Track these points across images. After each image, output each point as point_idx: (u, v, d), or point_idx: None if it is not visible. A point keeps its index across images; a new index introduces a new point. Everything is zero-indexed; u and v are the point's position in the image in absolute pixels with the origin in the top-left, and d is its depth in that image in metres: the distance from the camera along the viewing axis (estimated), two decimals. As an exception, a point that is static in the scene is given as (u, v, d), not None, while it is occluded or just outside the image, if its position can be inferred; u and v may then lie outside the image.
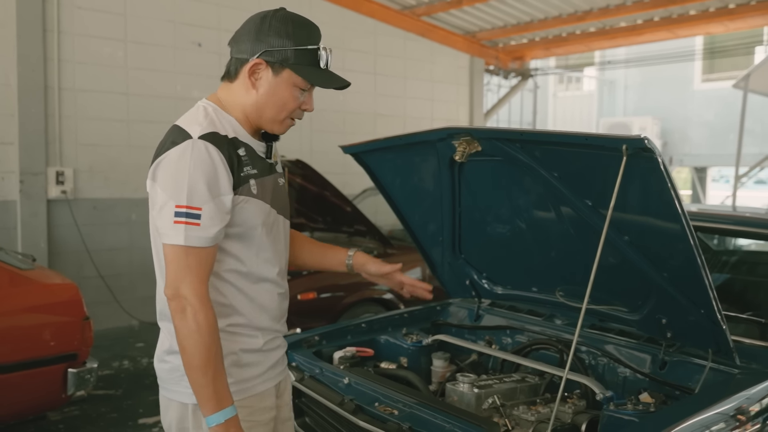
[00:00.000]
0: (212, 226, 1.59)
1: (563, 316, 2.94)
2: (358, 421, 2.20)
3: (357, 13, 8.24)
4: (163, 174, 1.63)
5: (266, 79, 1.68)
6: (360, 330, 3.08)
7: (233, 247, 1.69)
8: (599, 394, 2.31)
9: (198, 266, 1.58)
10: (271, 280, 1.78)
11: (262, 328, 1.78)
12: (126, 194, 6.63)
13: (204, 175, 1.58)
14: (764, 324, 2.68)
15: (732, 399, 2.18)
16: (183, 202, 1.57)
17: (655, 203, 2.05)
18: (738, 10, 7.66)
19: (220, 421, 1.54)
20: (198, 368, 1.54)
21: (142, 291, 6.75)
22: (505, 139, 2.26)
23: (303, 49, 1.67)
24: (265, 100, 1.69)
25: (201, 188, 1.57)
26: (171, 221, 1.58)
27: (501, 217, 2.74)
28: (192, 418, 1.69)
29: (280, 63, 1.66)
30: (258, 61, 1.66)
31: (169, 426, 1.77)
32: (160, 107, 6.78)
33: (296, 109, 1.73)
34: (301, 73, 1.67)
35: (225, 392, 1.58)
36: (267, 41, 1.66)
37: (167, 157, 1.62)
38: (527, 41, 9.80)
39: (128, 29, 6.53)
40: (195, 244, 1.57)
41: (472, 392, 2.43)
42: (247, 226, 1.69)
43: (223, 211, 1.61)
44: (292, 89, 1.69)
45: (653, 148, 1.86)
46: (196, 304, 1.55)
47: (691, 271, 2.12)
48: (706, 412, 2.08)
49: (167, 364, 1.74)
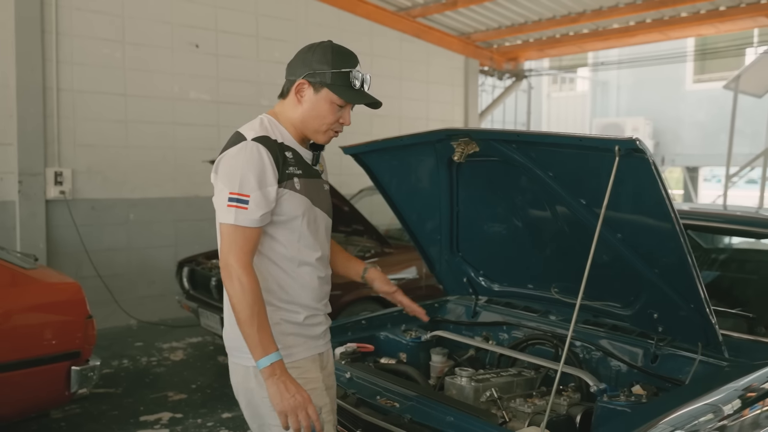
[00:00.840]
0: (257, 210, 1.91)
1: (558, 312, 3.02)
2: (361, 414, 2.27)
3: (353, 15, 8.31)
4: (222, 167, 1.98)
5: (309, 96, 2.03)
6: (360, 326, 3.15)
7: (278, 233, 2.02)
8: (593, 386, 2.39)
9: (244, 242, 1.91)
10: (311, 264, 2.08)
11: (304, 305, 2.08)
12: (124, 194, 6.68)
13: (253, 169, 1.92)
14: (752, 319, 2.76)
15: (721, 390, 2.25)
16: (235, 190, 1.90)
17: (646, 202, 2.12)
18: (728, 12, 7.76)
19: (267, 364, 1.86)
20: (245, 321, 1.87)
21: (141, 291, 6.81)
22: (502, 140, 2.34)
23: (338, 72, 2.00)
24: (308, 113, 2.04)
25: (250, 179, 1.91)
26: (225, 204, 1.92)
27: (498, 216, 2.81)
28: (254, 378, 2.00)
29: (320, 83, 2.01)
30: (303, 81, 2.02)
31: (236, 387, 2.12)
32: (158, 108, 6.84)
33: (335, 122, 2.06)
34: (336, 91, 2.01)
35: (269, 341, 1.88)
36: (311, 66, 2.01)
37: (227, 155, 1.98)
38: (521, 42, 9.89)
39: (126, 31, 6.58)
40: (242, 224, 1.90)
41: (471, 385, 2.51)
42: (289, 215, 2.01)
43: (267, 199, 1.94)
44: (330, 105, 2.02)
45: (644, 148, 1.93)
46: (239, 271, 1.88)
47: (682, 267, 2.20)
48: (696, 402, 2.16)
49: (233, 334, 2.04)
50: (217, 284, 5.23)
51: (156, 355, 5.69)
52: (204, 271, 5.49)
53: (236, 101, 7.36)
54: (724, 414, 2.19)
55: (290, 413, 1.84)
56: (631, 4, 7.86)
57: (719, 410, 2.19)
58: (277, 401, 1.85)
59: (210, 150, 7.01)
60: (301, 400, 1.85)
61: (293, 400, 1.84)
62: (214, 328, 5.18)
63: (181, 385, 4.93)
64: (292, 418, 1.85)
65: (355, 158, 2.93)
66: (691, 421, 2.09)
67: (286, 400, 1.84)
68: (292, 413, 1.84)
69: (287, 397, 1.84)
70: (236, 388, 2.12)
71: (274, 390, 1.85)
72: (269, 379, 1.86)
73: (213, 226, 7.12)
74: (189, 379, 5.08)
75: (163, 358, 5.64)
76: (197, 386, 4.91)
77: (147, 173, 6.82)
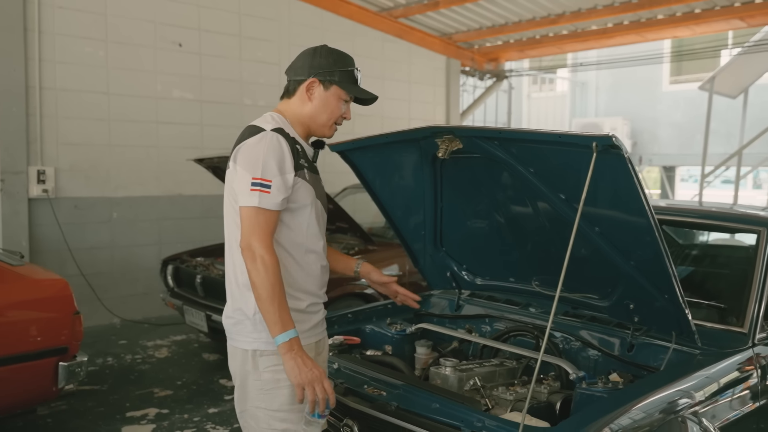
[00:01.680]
0: (278, 194, 2.05)
1: (539, 305, 3.12)
2: (349, 402, 2.34)
3: (335, 15, 8.37)
4: (242, 156, 2.10)
5: (319, 93, 2.20)
6: (346, 320, 3.22)
7: (291, 220, 2.14)
8: (572, 374, 2.49)
9: (266, 224, 2.03)
10: (317, 252, 2.22)
11: (307, 292, 2.20)
12: (107, 193, 6.69)
13: (275, 156, 2.05)
14: (723, 309, 2.88)
15: (693, 377, 2.37)
16: (258, 175, 2.03)
17: (622, 197, 2.21)
18: (703, 15, 7.94)
19: (285, 340, 1.97)
20: (266, 299, 1.97)
21: (124, 289, 6.82)
22: (485, 137, 2.42)
23: (345, 70, 2.21)
24: (318, 109, 2.21)
25: (272, 165, 2.04)
26: (248, 189, 2.03)
27: (480, 212, 2.90)
28: (251, 361, 2.11)
29: (330, 81, 2.19)
30: (313, 79, 2.19)
31: (234, 369, 2.20)
32: (141, 107, 6.85)
33: (340, 116, 2.25)
34: (345, 88, 2.21)
35: (288, 318, 1.99)
36: (319, 65, 2.19)
37: (246, 144, 2.11)
38: (502, 43, 10.01)
39: (109, 29, 6.58)
40: (265, 206, 2.03)
41: (455, 375, 2.59)
42: (300, 203, 2.15)
43: (286, 185, 2.07)
44: (338, 101, 2.21)
45: (620, 145, 2.02)
46: (263, 252, 1.99)
47: (657, 260, 2.30)
48: (669, 388, 2.27)
49: (232, 319, 2.18)
50: (202, 282, 5.27)
51: (140, 353, 5.71)
52: (189, 268, 5.52)
53: (219, 100, 7.39)
54: (696, 399, 2.30)
55: (307, 386, 1.95)
56: (608, 6, 8.01)
57: (692, 396, 2.30)
58: (295, 374, 1.95)
59: (193, 149, 7.05)
60: (317, 373, 1.97)
61: (310, 373, 1.95)
62: (199, 325, 5.21)
63: (166, 381, 4.96)
64: (309, 390, 1.95)
65: (341, 155, 2.99)
66: (664, 406, 2.19)
67: (304, 374, 1.95)
68: (309, 386, 1.95)
69: (305, 371, 1.95)
70: (233, 369, 2.21)
71: (291, 364, 1.95)
72: (287, 354, 1.96)
73: (196, 225, 7.17)
74: (174, 375, 5.11)
75: (148, 355, 5.66)
76: (183, 382, 4.94)
77: (130, 172, 6.83)
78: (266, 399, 2.09)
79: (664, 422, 2.15)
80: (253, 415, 2.14)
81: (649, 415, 2.12)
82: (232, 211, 2.16)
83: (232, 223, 2.16)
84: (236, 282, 2.16)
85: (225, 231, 2.22)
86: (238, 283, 2.16)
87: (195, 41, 7.19)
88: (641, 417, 2.10)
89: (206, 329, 5.14)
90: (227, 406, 4.46)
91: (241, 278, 2.13)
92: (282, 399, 2.08)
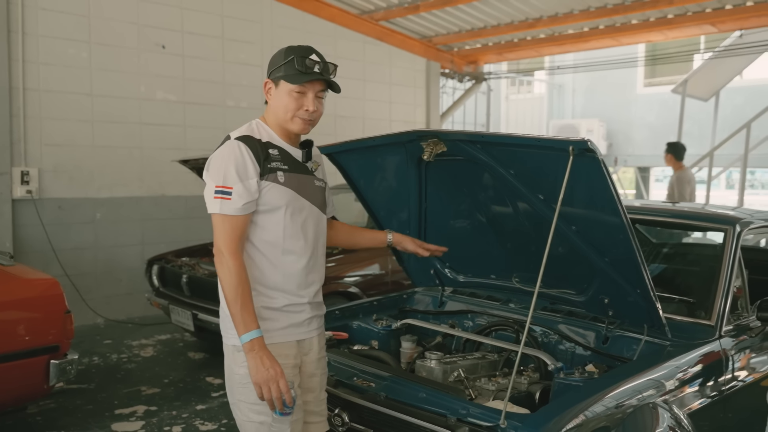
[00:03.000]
0: (240, 200, 2.13)
1: (519, 301, 3.25)
2: (340, 393, 2.46)
3: (317, 17, 8.46)
4: (209, 165, 2.21)
5: (273, 92, 2.26)
6: (334, 316, 3.33)
7: (264, 222, 2.20)
8: (551, 365, 2.63)
9: (231, 230, 2.13)
10: (296, 253, 2.25)
11: (284, 291, 2.25)
12: (90, 194, 6.72)
13: (234, 163, 2.14)
14: (692, 303, 3.04)
15: (663, 367, 2.52)
16: (220, 183, 2.13)
17: (597, 197, 2.35)
18: (676, 20, 8.17)
19: (248, 340, 2.07)
20: (231, 301, 2.09)
21: (108, 289, 6.85)
22: (468, 140, 2.55)
23: (286, 62, 2.19)
24: (275, 107, 2.26)
25: (232, 173, 2.13)
26: (212, 196, 2.15)
27: (463, 212, 3.03)
28: (231, 356, 2.23)
29: (277, 78, 2.22)
30: (266, 81, 2.27)
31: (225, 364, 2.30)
32: (125, 108, 6.89)
33: (298, 109, 2.22)
34: (288, 79, 2.19)
35: (251, 319, 2.09)
36: (271, 66, 2.25)
37: (214, 153, 2.23)
38: (481, 46, 10.18)
39: (92, 31, 6.62)
40: (227, 213, 2.12)
41: (440, 367, 2.72)
42: (272, 205, 2.20)
43: (249, 190, 2.14)
44: (288, 94, 2.21)
45: (595, 148, 2.16)
46: (227, 255, 2.11)
47: (629, 257, 2.44)
48: (641, 378, 2.42)
49: (221, 316, 2.29)
50: (188, 281, 5.35)
51: (126, 352, 5.77)
52: (174, 268, 5.58)
53: (202, 102, 7.45)
54: (667, 388, 2.45)
55: (263, 384, 2.05)
56: (584, 11, 8.20)
57: (662, 385, 2.45)
58: (254, 373, 2.06)
59: (177, 150, 7.10)
60: (273, 373, 2.05)
61: (267, 373, 2.05)
62: (185, 324, 5.29)
63: (153, 379, 5.03)
64: (265, 389, 2.05)
65: (329, 157, 3.09)
66: (636, 394, 2.34)
67: (261, 373, 2.05)
68: (265, 384, 2.05)
69: (262, 370, 2.05)
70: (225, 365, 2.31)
71: (251, 363, 2.06)
72: (249, 353, 2.06)
73: (180, 225, 7.27)
74: (161, 374, 5.18)
75: (134, 354, 5.71)
76: (170, 380, 5.01)
77: (114, 173, 6.87)
78: (244, 392, 2.19)
79: (636, 409, 2.29)
80: (236, 408, 2.26)
81: (622, 402, 2.27)
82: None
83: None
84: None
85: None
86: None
87: (178, 43, 7.24)
88: (615, 404, 2.24)
89: (192, 328, 5.21)
90: (215, 402, 4.54)
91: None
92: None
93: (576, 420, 2.08)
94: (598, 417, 2.16)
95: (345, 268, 5.47)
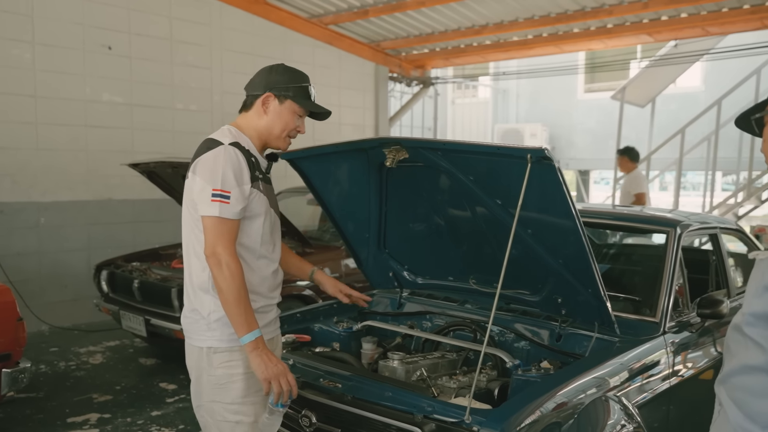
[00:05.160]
0: (237, 204, 2.20)
1: (475, 301, 3.37)
2: (307, 395, 2.51)
3: (267, 20, 8.45)
4: (201, 168, 2.23)
5: (274, 107, 2.35)
6: (295, 319, 3.38)
7: (245, 227, 2.28)
8: (509, 363, 2.74)
9: (228, 232, 2.19)
10: (268, 257, 2.37)
11: (260, 294, 2.34)
12: (34, 198, 6.55)
13: (232, 168, 2.20)
14: (638, 301, 3.22)
15: (613, 362, 2.67)
16: (218, 186, 2.17)
17: (552, 202, 2.46)
18: (615, 29, 8.51)
19: (251, 339, 2.15)
20: (233, 303, 2.14)
21: (52, 296, 6.68)
22: (430, 147, 2.64)
23: (299, 86, 2.36)
24: (273, 121, 2.36)
25: (230, 177, 2.19)
26: (209, 199, 2.18)
27: (422, 216, 3.12)
28: (206, 358, 2.26)
29: (284, 96, 2.35)
30: (269, 94, 2.34)
31: (191, 366, 2.35)
32: (70, 110, 6.75)
33: (294, 129, 2.40)
34: (299, 102, 2.36)
35: (253, 320, 2.17)
36: (275, 81, 2.35)
37: (205, 157, 2.24)
38: (428, 51, 10.35)
39: (36, 31, 6.45)
40: (226, 216, 2.18)
41: (403, 367, 2.80)
42: (255, 212, 2.29)
43: (244, 195, 2.22)
44: (291, 114, 2.36)
45: (552, 156, 2.28)
46: (228, 258, 2.15)
47: (581, 258, 2.58)
48: (594, 372, 2.55)
49: (189, 318, 2.33)
50: (140, 286, 5.28)
51: (74, 359, 5.65)
52: (125, 273, 5.50)
53: (150, 104, 7.35)
54: (617, 382, 2.60)
55: (273, 379, 2.14)
56: (529, 19, 8.45)
57: (613, 379, 2.60)
58: (262, 370, 2.14)
59: (124, 153, 6.99)
60: (282, 368, 2.17)
61: (275, 368, 2.15)
62: (137, 329, 5.21)
63: (104, 387, 4.95)
64: (275, 383, 2.15)
65: (290, 163, 3.14)
66: (589, 389, 2.47)
67: (270, 369, 2.14)
68: (275, 379, 2.15)
69: (271, 366, 2.15)
70: (190, 366, 2.37)
71: (258, 361, 2.14)
72: (253, 351, 2.15)
73: (127, 230, 7.13)
74: (112, 380, 5.10)
75: (82, 362, 5.60)
76: (122, 387, 4.94)
77: (58, 176, 6.71)
78: (220, 393, 2.25)
79: (590, 402, 2.43)
80: (209, 409, 2.29)
81: (576, 396, 2.40)
82: (190, 219, 2.30)
83: (190, 231, 2.30)
84: (191, 284, 2.32)
85: (183, 237, 2.36)
86: (193, 285, 2.31)
87: (125, 44, 7.13)
88: (570, 398, 2.37)
89: (145, 334, 5.15)
90: (170, 408, 4.51)
91: (196, 281, 2.29)
92: (235, 393, 2.25)
93: (537, 413, 2.19)
94: (557, 410, 2.28)
95: (299, 272, 5.49)
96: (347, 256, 5.73)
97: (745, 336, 1.54)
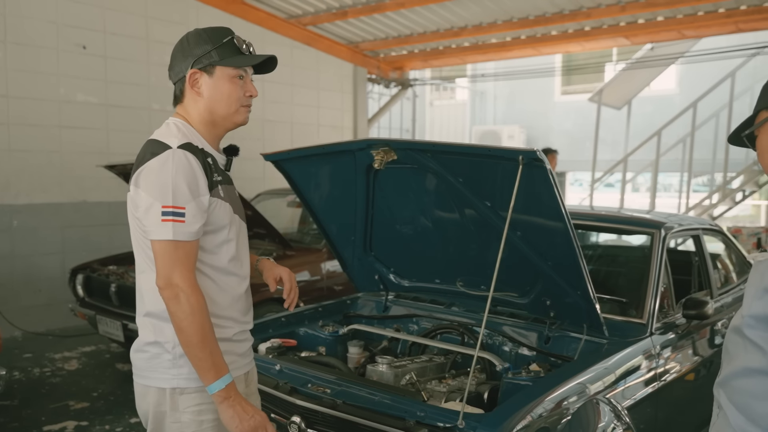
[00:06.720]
0: (195, 222, 1.80)
1: (462, 304, 3.35)
2: (296, 401, 2.46)
3: (244, 21, 8.36)
4: (146, 180, 1.81)
5: (205, 82, 1.90)
6: (280, 323, 3.32)
7: (207, 243, 1.90)
8: (498, 366, 2.72)
9: (186, 258, 1.79)
10: (238, 274, 1.98)
11: (233, 319, 1.98)
12: (7, 200, 6.38)
13: (185, 178, 1.79)
14: (625, 303, 3.22)
15: (603, 363, 2.66)
16: (169, 203, 1.76)
17: (543, 204, 2.45)
18: (593, 32, 8.58)
19: (221, 387, 1.78)
20: (197, 345, 1.76)
21: (25, 300, 6.52)
22: (419, 149, 2.61)
23: (221, 44, 1.88)
24: (212, 99, 1.91)
25: (183, 190, 1.78)
26: (158, 220, 1.77)
27: (409, 218, 3.09)
28: (169, 401, 1.87)
29: (210, 64, 1.89)
30: (193, 71, 1.89)
31: (145, 412, 1.93)
32: (43, 110, 6.59)
33: (242, 97, 1.94)
34: (230, 63, 1.89)
35: (221, 363, 1.80)
36: (192, 54, 1.89)
37: (149, 166, 1.82)
38: (407, 53, 10.33)
39: (8, 29, 6.30)
40: (182, 239, 1.78)
41: (391, 371, 2.77)
42: (218, 225, 1.90)
43: (202, 209, 1.83)
44: (230, 81, 1.90)
45: (543, 158, 2.27)
46: (187, 290, 1.76)
47: (571, 260, 2.57)
48: (584, 375, 2.54)
49: (146, 353, 1.91)
50: (117, 290, 5.17)
51: (49, 366, 5.51)
52: (101, 277, 5.39)
53: (126, 104, 7.22)
54: (607, 384, 2.59)
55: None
56: (507, 22, 8.48)
57: (602, 381, 2.59)
58: (236, 424, 1.79)
59: (99, 154, 6.86)
60: (260, 419, 1.82)
61: (253, 420, 1.80)
62: (114, 335, 5.11)
63: (81, 393, 4.83)
64: None
65: (274, 165, 3.10)
66: (580, 391, 2.46)
67: (246, 422, 1.79)
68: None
69: (246, 418, 1.80)
70: (143, 409, 1.95)
71: (231, 413, 1.79)
72: (224, 402, 1.79)
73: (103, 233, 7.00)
74: (89, 387, 4.98)
75: (57, 368, 5.47)
76: (99, 394, 4.83)
77: (31, 178, 6.56)
78: None
79: (581, 405, 2.41)
80: None
81: (568, 399, 2.38)
82: (139, 238, 1.89)
83: (140, 251, 1.91)
84: (147, 313, 1.91)
85: (135, 257, 1.95)
86: (149, 314, 1.90)
87: (100, 44, 6.99)
88: (562, 400, 2.35)
89: (123, 339, 5.04)
90: (149, 415, 4.41)
91: (153, 309, 1.88)
92: None
93: (530, 417, 2.17)
94: (549, 412, 2.27)
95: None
96: (328, 259, 5.68)
97: (744, 338, 1.54)
